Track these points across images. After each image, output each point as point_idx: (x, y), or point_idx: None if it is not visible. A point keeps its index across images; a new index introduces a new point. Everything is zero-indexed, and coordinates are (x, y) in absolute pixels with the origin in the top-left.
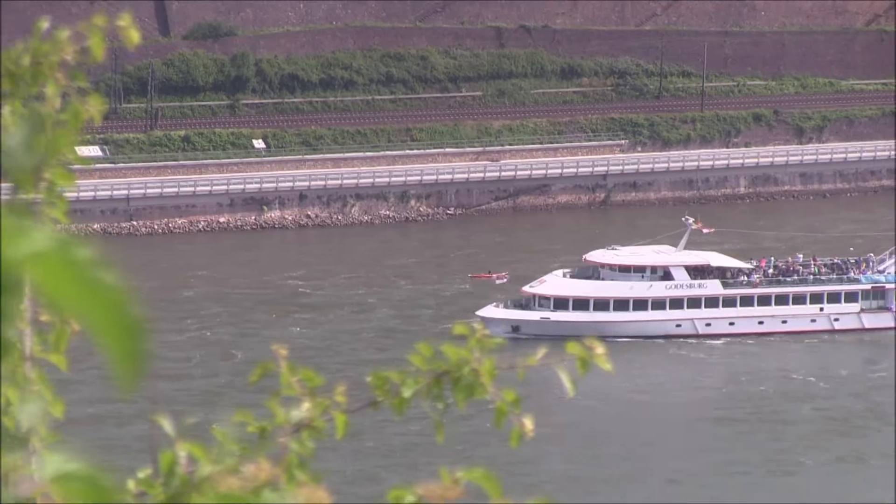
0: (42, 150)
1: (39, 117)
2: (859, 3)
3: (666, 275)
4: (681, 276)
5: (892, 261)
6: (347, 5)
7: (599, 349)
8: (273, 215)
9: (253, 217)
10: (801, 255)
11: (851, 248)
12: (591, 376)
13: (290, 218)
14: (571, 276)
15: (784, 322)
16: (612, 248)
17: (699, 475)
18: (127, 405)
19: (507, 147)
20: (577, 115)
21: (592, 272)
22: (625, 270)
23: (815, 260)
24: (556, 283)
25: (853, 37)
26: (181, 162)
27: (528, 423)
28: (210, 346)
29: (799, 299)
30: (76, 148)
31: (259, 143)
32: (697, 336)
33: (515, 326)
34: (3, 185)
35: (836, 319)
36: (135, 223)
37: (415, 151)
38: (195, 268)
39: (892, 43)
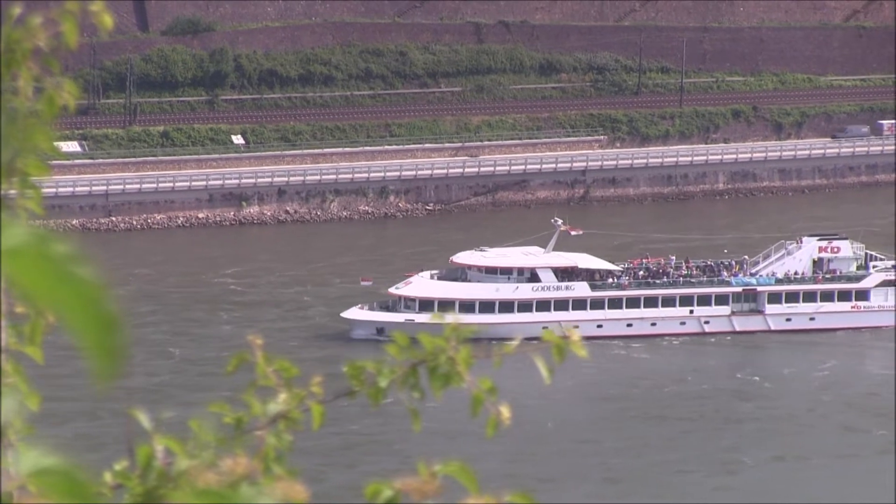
0: (16, 142)
1: (12, 106)
2: None
3: (533, 276)
4: (548, 277)
5: (766, 263)
6: (326, 1)
7: (575, 336)
8: (252, 211)
9: (232, 213)
10: (673, 258)
11: (725, 251)
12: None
13: (268, 213)
14: (438, 278)
15: (653, 324)
16: (481, 250)
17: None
18: (76, 403)
19: (486, 143)
20: (556, 110)
21: (459, 274)
22: (491, 272)
23: (687, 262)
24: (422, 284)
25: (831, 32)
26: (160, 158)
27: (505, 411)
28: (146, 344)
29: (668, 301)
30: (56, 143)
31: (238, 139)
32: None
33: (380, 328)
34: None
35: (707, 322)
36: (113, 219)
37: (394, 147)
38: (145, 265)
39: (871, 39)
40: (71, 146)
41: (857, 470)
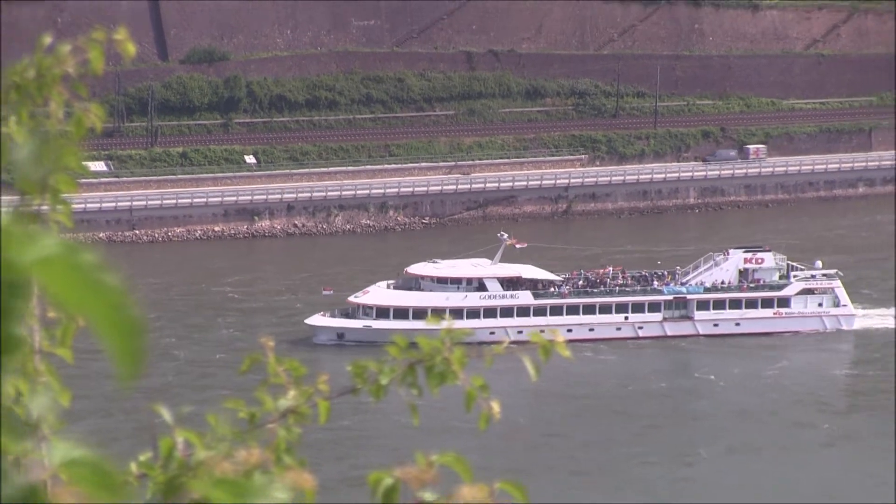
0: (47, 159)
1: (45, 129)
2: (798, 29)
3: (481, 286)
4: (494, 287)
5: (695, 273)
6: (331, 32)
7: (560, 338)
8: (263, 225)
9: (245, 226)
10: (611, 268)
11: (659, 262)
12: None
13: (278, 227)
14: (394, 287)
15: (591, 330)
16: (433, 261)
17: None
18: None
19: (477, 161)
20: (541, 132)
21: (413, 283)
22: (442, 282)
23: (623, 273)
24: (378, 293)
25: (793, 60)
26: (179, 176)
27: (496, 406)
28: (152, 347)
29: (605, 309)
30: (84, 163)
31: (250, 159)
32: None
33: (340, 334)
34: (3, 194)
35: (640, 328)
36: (137, 232)
37: (393, 166)
38: (157, 275)
39: (829, 66)
40: (98, 165)
41: (805, 461)
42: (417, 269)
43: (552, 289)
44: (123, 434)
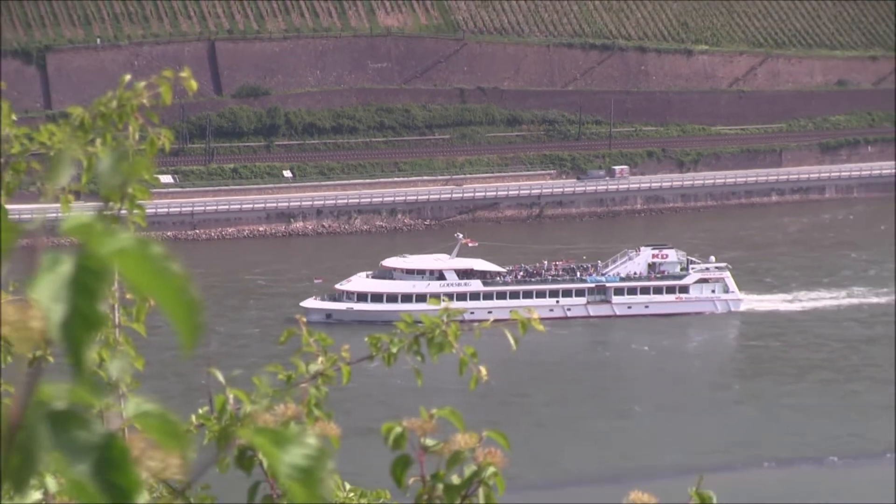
0: (125, 173)
1: (124, 147)
2: (724, 70)
3: (440, 276)
4: (451, 277)
5: (613, 266)
6: (352, 72)
7: (535, 315)
8: (297, 226)
9: (283, 227)
10: (546, 262)
11: (584, 257)
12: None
13: (310, 228)
14: (372, 277)
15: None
16: (403, 256)
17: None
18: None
19: (468, 175)
20: (519, 152)
21: (387, 274)
22: (410, 273)
23: (555, 265)
24: (359, 282)
25: (719, 95)
26: (231, 186)
27: (483, 371)
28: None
29: (540, 294)
30: (155, 175)
31: (287, 173)
32: (464, 321)
33: (328, 314)
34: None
35: (569, 309)
36: (196, 231)
37: (400, 178)
38: (204, 265)
39: (748, 100)
40: (166, 178)
41: (722, 415)
42: (390, 262)
43: (498, 278)
44: (177, 394)
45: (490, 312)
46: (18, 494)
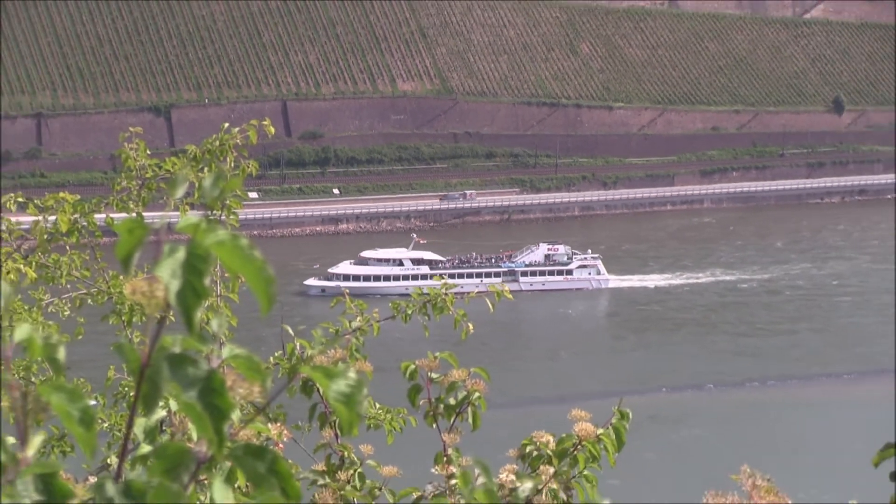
0: (223, 189)
1: (222, 171)
2: (634, 120)
3: (400, 263)
4: (408, 264)
5: (520, 256)
6: (379, 122)
7: (506, 289)
8: (342, 227)
9: (332, 227)
10: (474, 253)
11: (501, 249)
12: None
13: (351, 228)
14: (353, 264)
15: (461, 288)
16: (375, 249)
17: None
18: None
19: (459, 192)
20: (493, 176)
21: (364, 261)
22: (379, 261)
23: (481, 255)
24: (345, 267)
25: (631, 137)
26: (297, 200)
27: (471, 326)
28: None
29: (469, 276)
30: (245, 191)
31: (336, 191)
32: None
33: (323, 289)
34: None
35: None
36: (273, 231)
37: (414, 194)
38: (279, 254)
39: (652, 140)
40: (252, 194)
41: (624, 357)
42: (366, 253)
43: (441, 265)
44: (247, 343)
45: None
46: (149, 412)
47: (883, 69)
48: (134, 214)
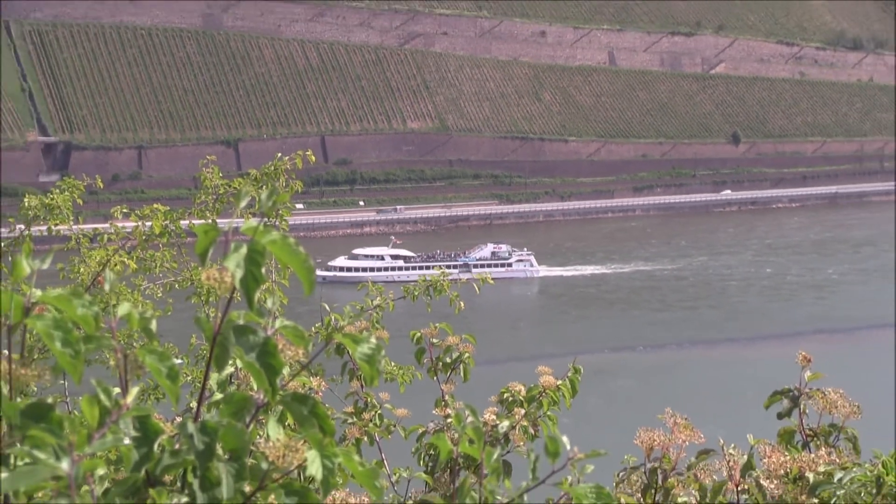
0: (276, 202)
1: (275, 188)
2: (584, 149)
3: (382, 258)
4: (388, 259)
5: (472, 253)
6: (393, 152)
7: (489, 276)
8: (366, 230)
9: (358, 231)
10: (439, 250)
11: (461, 248)
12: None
13: (372, 231)
14: (347, 258)
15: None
16: (363, 248)
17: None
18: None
19: (453, 203)
20: (479, 192)
21: (355, 257)
22: (367, 257)
23: (443, 252)
24: (341, 261)
25: (582, 163)
26: (331, 210)
27: (462, 304)
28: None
29: (431, 268)
30: (293, 203)
31: (361, 203)
32: (396, 282)
33: (324, 278)
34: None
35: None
36: (314, 233)
37: (420, 206)
38: (317, 252)
39: (597, 165)
40: (299, 205)
41: (569, 327)
42: (357, 250)
43: (412, 260)
44: (293, 318)
45: (408, 277)
46: (220, 369)
47: (769, 111)
48: (209, 221)
